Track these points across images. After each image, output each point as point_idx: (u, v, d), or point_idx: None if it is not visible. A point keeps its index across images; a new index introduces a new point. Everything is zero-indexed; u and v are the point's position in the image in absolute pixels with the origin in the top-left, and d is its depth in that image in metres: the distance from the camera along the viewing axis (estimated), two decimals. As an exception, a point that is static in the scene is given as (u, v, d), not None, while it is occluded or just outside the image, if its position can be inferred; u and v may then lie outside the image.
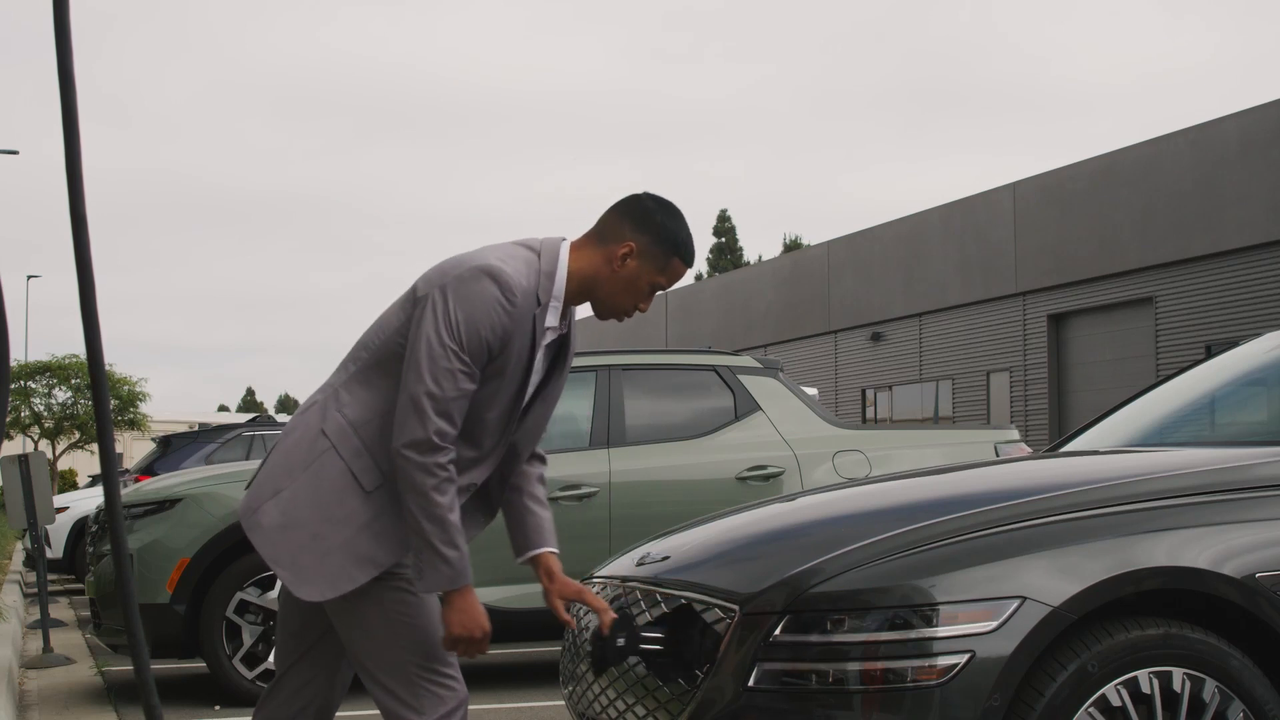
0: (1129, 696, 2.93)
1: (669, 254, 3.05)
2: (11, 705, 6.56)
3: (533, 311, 2.96)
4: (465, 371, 2.89)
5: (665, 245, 3.04)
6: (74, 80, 3.47)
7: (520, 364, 2.97)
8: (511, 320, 2.92)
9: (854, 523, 3.37)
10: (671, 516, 5.24)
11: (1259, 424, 4.49)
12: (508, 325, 2.92)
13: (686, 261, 3.08)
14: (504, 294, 2.91)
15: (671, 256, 3.05)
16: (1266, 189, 22.06)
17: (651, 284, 3.06)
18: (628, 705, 3.29)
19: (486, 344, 2.91)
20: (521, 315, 2.94)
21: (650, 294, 3.08)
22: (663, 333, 42.15)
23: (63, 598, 14.62)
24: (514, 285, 2.92)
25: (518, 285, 2.93)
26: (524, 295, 2.94)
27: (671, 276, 3.07)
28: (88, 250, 3.57)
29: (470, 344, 2.89)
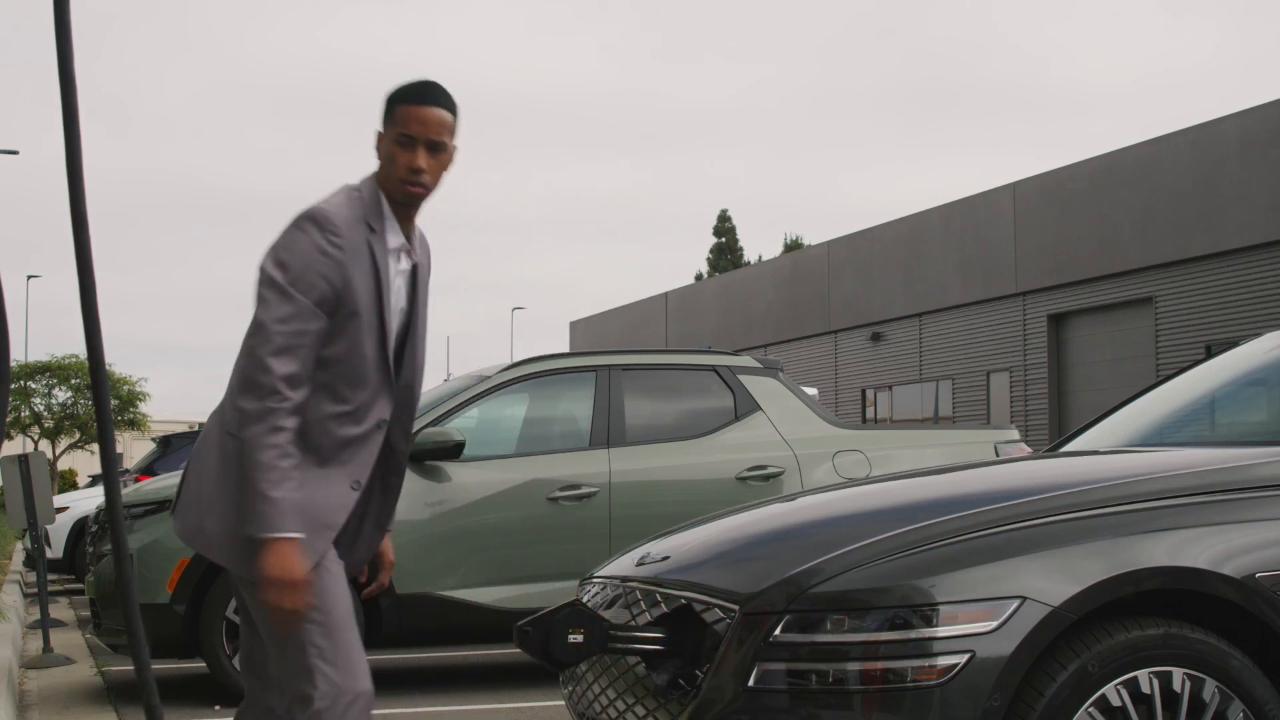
0: (1129, 696, 2.93)
1: (393, 107, 3.03)
2: (11, 705, 6.56)
3: (366, 239, 2.98)
4: (302, 314, 2.91)
5: (389, 105, 3.03)
6: (74, 80, 3.47)
7: (371, 296, 2.99)
8: (345, 253, 2.94)
9: (854, 523, 3.37)
10: (671, 516, 5.24)
11: (1259, 424, 4.49)
12: (340, 258, 2.94)
13: (408, 98, 3.02)
14: (325, 231, 2.94)
15: (395, 107, 3.02)
16: (1266, 189, 22.06)
17: (396, 140, 3.00)
18: (628, 705, 3.29)
19: (325, 283, 2.92)
20: (353, 245, 2.96)
21: (406, 148, 3.00)
22: (663, 333, 42.16)
23: (63, 598, 14.62)
24: (334, 218, 2.95)
25: (339, 216, 2.96)
26: (349, 224, 2.96)
27: (406, 123, 3.00)
28: (89, 250, 3.57)
29: (303, 287, 2.91)
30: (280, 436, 2.88)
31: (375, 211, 3.02)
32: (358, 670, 2.97)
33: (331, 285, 2.93)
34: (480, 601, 7.02)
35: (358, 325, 2.97)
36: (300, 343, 2.92)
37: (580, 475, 7.25)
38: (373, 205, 3.03)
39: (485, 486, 7.17)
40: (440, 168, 3.05)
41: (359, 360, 3.00)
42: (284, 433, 2.89)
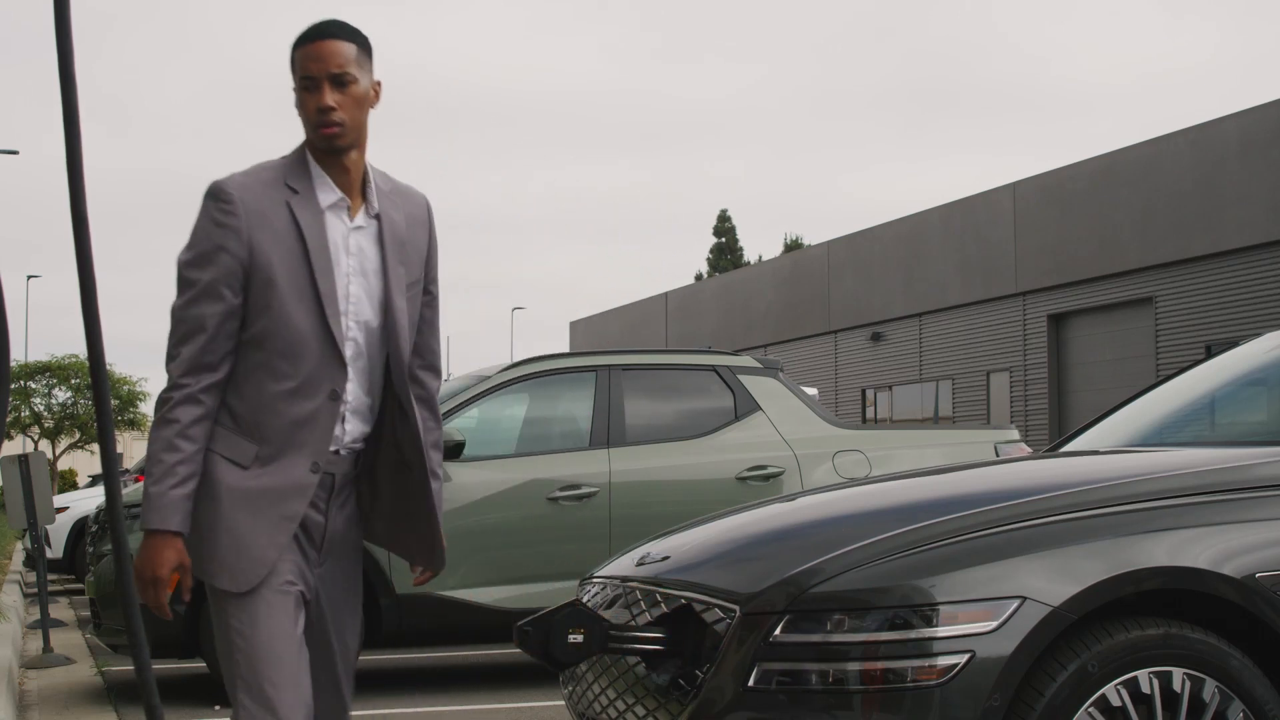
0: (1129, 696, 2.93)
1: (291, 58, 2.86)
2: (11, 705, 6.55)
3: (284, 200, 2.80)
4: (200, 295, 2.77)
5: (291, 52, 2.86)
6: (74, 80, 3.47)
7: (294, 260, 2.79)
8: (242, 219, 2.76)
9: (854, 523, 3.37)
10: (671, 516, 5.24)
11: (1259, 424, 4.49)
12: (236, 225, 2.76)
13: (300, 41, 2.85)
14: (217, 201, 2.78)
15: (292, 57, 2.86)
16: (1266, 189, 22.06)
17: (301, 87, 2.82)
18: (628, 705, 3.29)
19: (224, 255, 2.76)
20: (256, 209, 2.78)
21: (310, 91, 2.81)
22: (663, 333, 42.16)
23: (63, 598, 14.62)
24: (226, 186, 2.78)
25: (234, 184, 2.79)
26: (249, 189, 2.79)
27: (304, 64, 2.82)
28: (89, 250, 3.57)
29: (200, 266, 2.77)
30: (169, 430, 2.76)
31: (298, 171, 2.84)
32: (279, 705, 2.79)
33: (232, 256, 2.76)
34: (480, 601, 7.02)
35: (277, 294, 2.77)
36: (201, 326, 2.77)
37: (580, 475, 7.25)
38: (295, 165, 2.85)
39: (485, 486, 7.17)
40: (354, 103, 2.83)
41: (289, 331, 2.79)
42: (174, 425, 2.76)
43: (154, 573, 2.75)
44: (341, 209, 2.86)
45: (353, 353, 2.86)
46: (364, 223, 2.89)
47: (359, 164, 2.89)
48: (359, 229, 2.88)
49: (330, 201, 2.85)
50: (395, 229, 2.91)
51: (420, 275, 2.98)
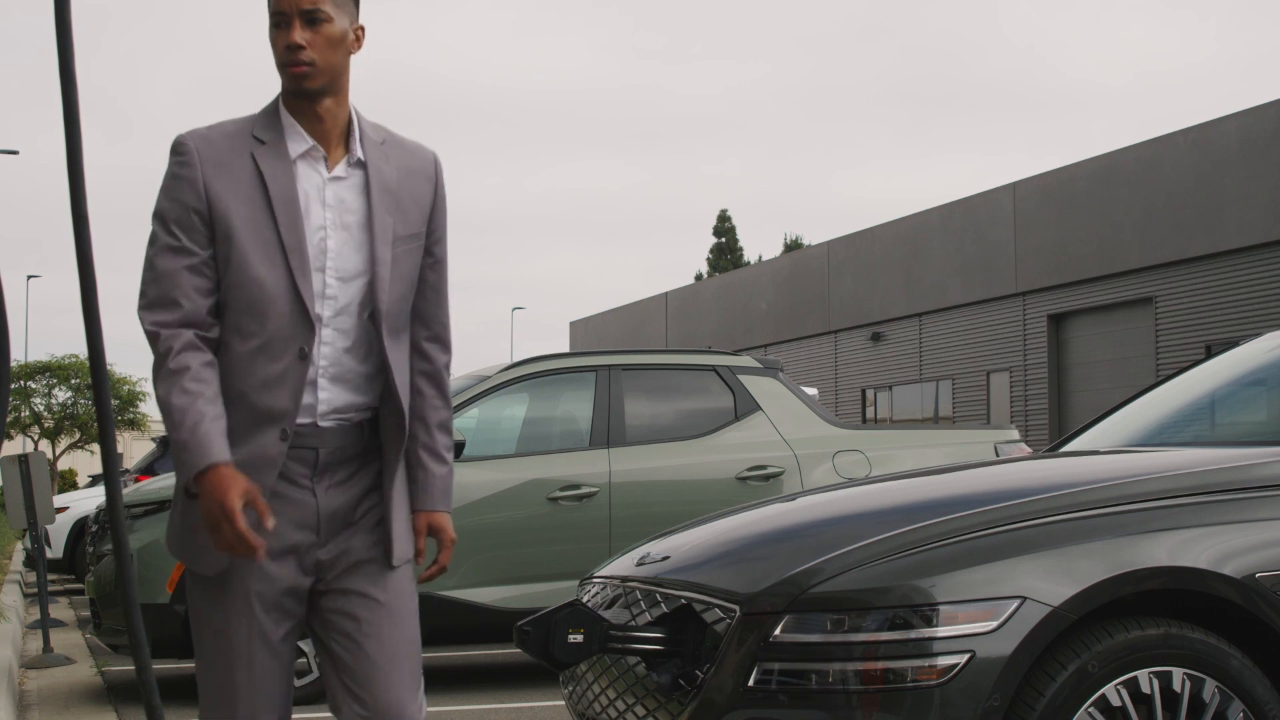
0: (1129, 696, 2.93)
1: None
2: (11, 705, 6.55)
3: (249, 151, 2.63)
4: (158, 251, 2.61)
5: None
6: (75, 79, 3.47)
7: (255, 212, 2.61)
8: (198, 169, 2.60)
9: (854, 523, 3.37)
10: (671, 516, 5.25)
11: (1259, 424, 4.49)
12: (190, 175, 2.60)
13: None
14: (174, 155, 2.63)
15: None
16: (1266, 189, 22.06)
17: (272, 26, 2.66)
18: (628, 705, 3.29)
19: (179, 209, 2.60)
20: (215, 160, 2.61)
21: (280, 28, 2.65)
22: (663, 333, 42.16)
23: (63, 598, 14.61)
24: (184, 139, 2.63)
25: (193, 136, 2.63)
26: (209, 141, 2.62)
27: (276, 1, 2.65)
28: (89, 249, 3.57)
29: (160, 222, 2.62)
30: (176, 380, 2.55)
31: (268, 122, 2.67)
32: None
33: (188, 207, 2.59)
34: (480, 601, 7.03)
35: (236, 247, 2.59)
36: (165, 283, 2.59)
37: (580, 475, 7.26)
38: (265, 117, 2.68)
39: (485, 486, 7.17)
40: (327, 44, 2.63)
41: (251, 285, 2.60)
42: (177, 375, 2.55)
43: (221, 504, 2.46)
44: (316, 159, 2.67)
45: (332, 311, 2.65)
46: (344, 173, 2.69)
47: (336, 112, 2.69)
48: (338, 179, 2.68)
49: (301, 150, 2.67)
50: (383, 178, 2.71)
51: (420, 229, 2.75)
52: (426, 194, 2.78)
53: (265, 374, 2.61)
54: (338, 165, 2.69)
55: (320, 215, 2.65)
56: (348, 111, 2.71)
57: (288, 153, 2.65)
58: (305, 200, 2.64)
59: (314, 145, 2.66)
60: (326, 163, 2.68)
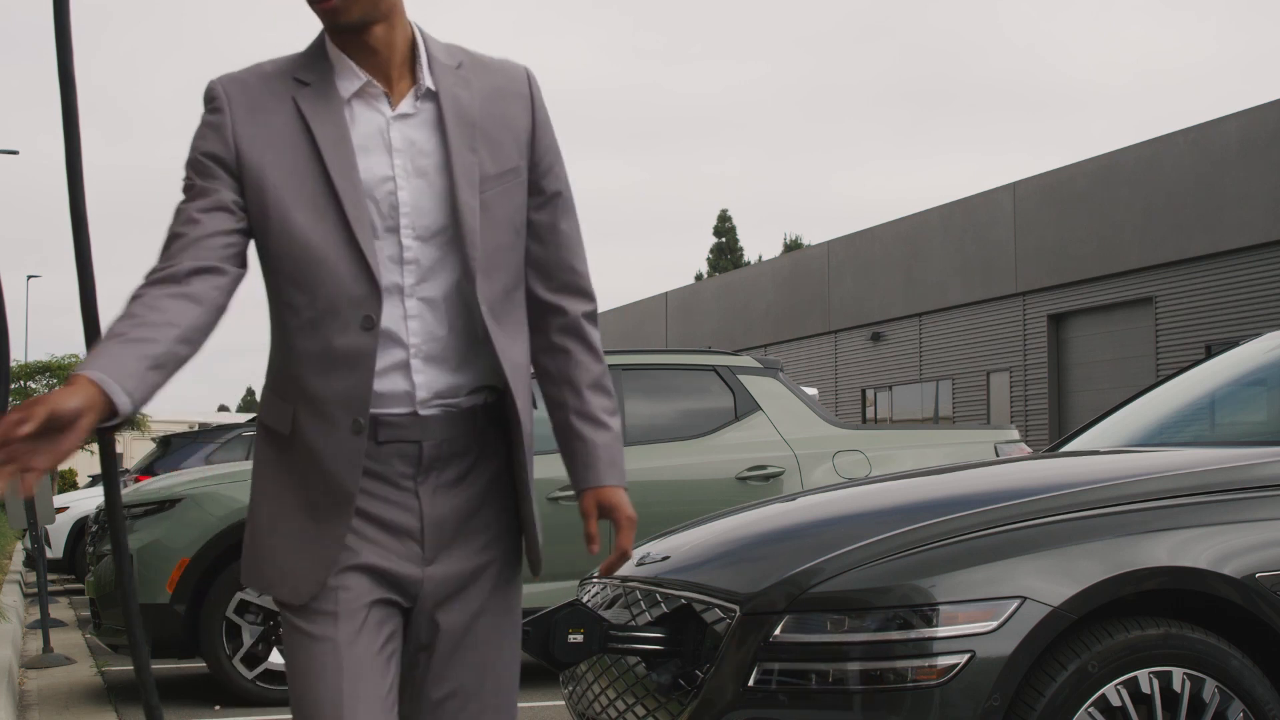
0: (1129, 696, 2.93)
1: None
2: (11, 705, 6.55)
3: (290, 95, 2.19)
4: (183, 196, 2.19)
5: None
6: (74, 79, 3.47)
7: (298, 160, 2.17)
8: (228, 116, 2.18)
9: (854, 523, 3.37)
10: (671, 516, 5.23)
11: (1259, 424, 4.49)
12: (219, 122, 2.18)
13: None
14: (205, 104, 2.23)
15: None
16: (1266, 189, 22.07)
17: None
18: (628, 705, 3.29)
19: (207, 160, 2.18)
20: (248, 104, 2.19)
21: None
22: (663, 333, 42.16)
23: (63, 598, 14.61)
24: (214, 85, 2.23)
25: (224, 80, 2.23)
26: (242, 84, 2.21)
27: None
28: (88, 250, 3.57)
29: (188, 168, 2.20)
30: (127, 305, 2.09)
31: (311, 63, 2.23)
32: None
33: (211, 155, 2.18)
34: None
35: (272, 202, 2.17)
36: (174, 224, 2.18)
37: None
38: (309, 56, 2.24)
39: (485, 486, 7.16)
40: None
41: (295, 245, 2.16)
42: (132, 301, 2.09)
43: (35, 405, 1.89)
44: (376, 96, 2.20)
45: (416, 277, 2.18)
46: (412, 108, 2.21)
47: (392, 38, 2.20)
48: (405, 117, 2.21)
49: (354, 89, 2.20)
50: (461, 107, 2.22)
51: (519, 163, 2.26)
52: (521, 118, 2.28)
53: (323, 353, 2.16)
54: (404, 100, 2.21)
55: (387, 163, 2.19)
56: (408, 34, 2.23)
57: (338, 92, 2.20)
58: (366, 146, 2.19)
59: (369, 81, 2.19)
60: (389, 99, 2.20)
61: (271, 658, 6.78)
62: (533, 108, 2.30)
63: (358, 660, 2.11)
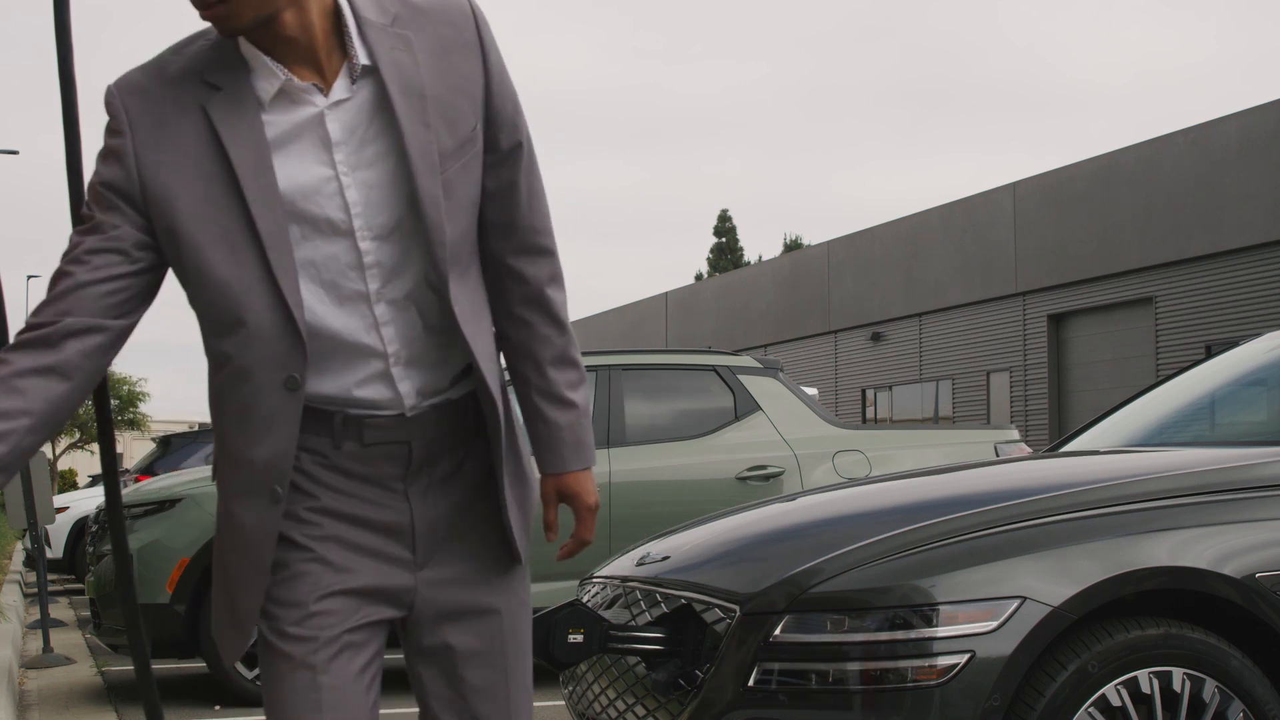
0: (1129, 696, 2.93)
1: None
2: (11, 705, 6.55)
3: (198, 104, 1.90)
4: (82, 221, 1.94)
5: None
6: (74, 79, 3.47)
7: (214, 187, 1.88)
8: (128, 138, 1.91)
9: (854, 523, 3.37)
10: (671, 516, 5.24)
11: (1259, 424, 4.49)
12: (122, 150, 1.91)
13: None
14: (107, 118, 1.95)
15: None
16: (1266, 189, 22.06)
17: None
18: (628, 705, 3.29)
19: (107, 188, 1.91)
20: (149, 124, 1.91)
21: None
22: (663, 333, 42.16)
23: (63, 598, 14.61)
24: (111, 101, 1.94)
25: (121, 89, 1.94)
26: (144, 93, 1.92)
27: None
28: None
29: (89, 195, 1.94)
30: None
31: (223, 59, 1.92)
32: None
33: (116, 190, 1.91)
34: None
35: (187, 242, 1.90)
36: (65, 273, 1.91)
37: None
38: (220, 52, 1.93)
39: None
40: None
41: (214, 293, 1.90)
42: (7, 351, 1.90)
43: None
44: (302, 91, 1.91)
45: (380, 281, 1.96)
46: (347, 91, 1.92)
47: (307, 20, 1.90)
48: (340, 103, 1.92)
49: (273, 90, 1.91)
50: (405, 76, 1.93)
51: (474, 127, 1.99)
52: (473, 71, 1.99)
53: (243, 412, 1.95)
54: (336, 83, 1.93)
55: (326, 161, 1.92)
56: (327, 3, 1.93)
57: (255, 95, 1.91)
58: (297, 148, 1.91)
59: (288, 78, 1.90)
60: (320, 88, 1.92)
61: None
62: (484, 56, 2.01)
63: (336, 687, 1.97)
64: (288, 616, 1.99)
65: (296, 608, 1.98)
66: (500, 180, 2.05)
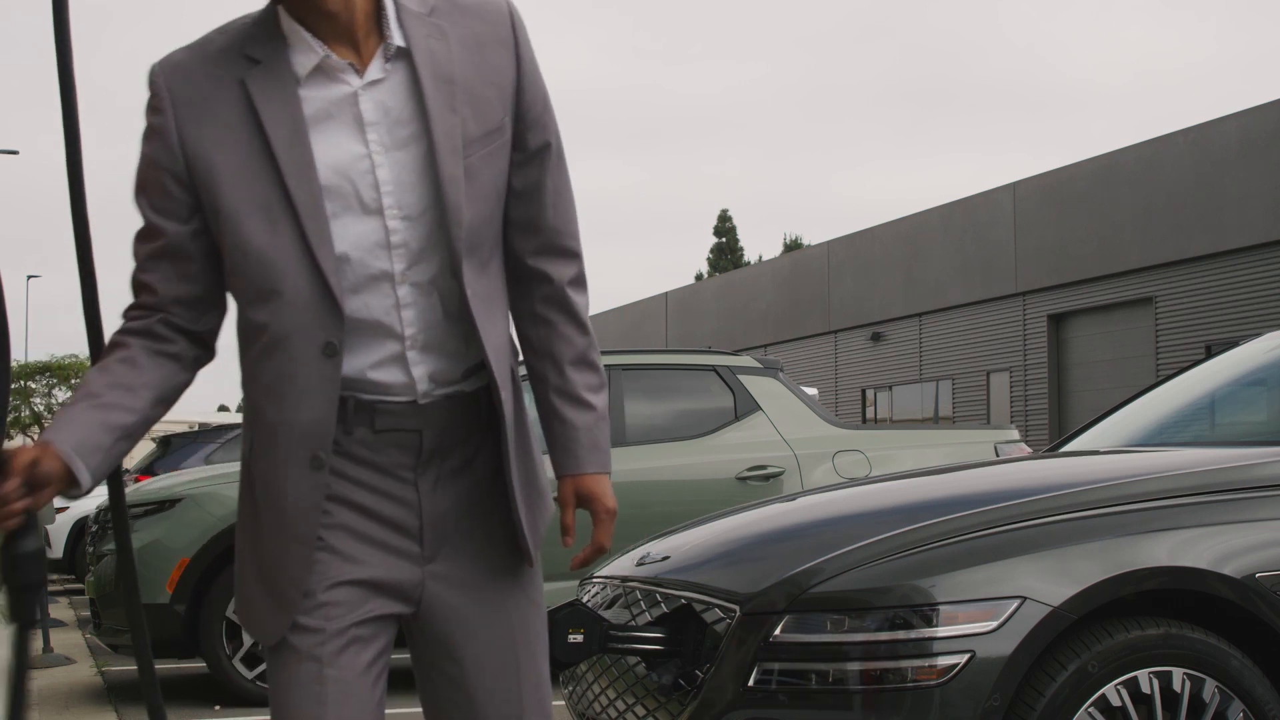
0: (1129, 696, 2.93)
1: None
2: (11, 705, 6.55)
3: (237, 78, 1.95)
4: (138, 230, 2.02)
5: None
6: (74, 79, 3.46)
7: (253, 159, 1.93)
8: (170, 115, 1.96)
9: (854, 523, 3.37)
10: (671, 516, 5.24)
11: (1259, 424, 4.49)
12: (165, 128, 1.96)
13: None
14: (148, 95, 2.00)
15: None
16: (1266, 189, 22.07)
17: None
18: (628, 705, 3.29)
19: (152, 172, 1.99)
20: (189, 99, 1.96)
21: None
22: (663, 333, 42.15)
23: (63, 598, 14.60)
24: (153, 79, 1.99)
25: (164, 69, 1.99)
26: (184, 70, 1.97)
27: None
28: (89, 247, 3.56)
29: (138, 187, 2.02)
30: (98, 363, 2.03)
31: (262, 34, 1.97)
32: None
33: (161, 170, 1.97)
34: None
35: (226, 214, 1.95)
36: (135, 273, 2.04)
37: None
38: (259, 25, 1.98)
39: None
40: None
41: (250, 261, 1.95)
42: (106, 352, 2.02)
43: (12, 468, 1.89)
44: (339, 69, 1.96)
45: (406, 262, 1.98)
46: (382, 71, 1.97)
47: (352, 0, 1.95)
48: (375, 83, 1.96)
49: (310, 65, 1.95)
50: (437, 62, 1.98)
51: (502, 120, 2.02)
52: (506, 67, 2.04)
53: (281, 381, 1.97)
54: (371, 64, 1.97)
55: (359, 139, 1.95)
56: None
57: (292, 70, 1.95)
58: (333, 125, 1.95)
59: (326, 55, 1.94)
60: (355, 67, 1.96)
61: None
62: (517, 52, 2.05)
63: (342, 680, 1.97)
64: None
65: (307, 598, 1.98)
66: (527, 180, 2.08)
